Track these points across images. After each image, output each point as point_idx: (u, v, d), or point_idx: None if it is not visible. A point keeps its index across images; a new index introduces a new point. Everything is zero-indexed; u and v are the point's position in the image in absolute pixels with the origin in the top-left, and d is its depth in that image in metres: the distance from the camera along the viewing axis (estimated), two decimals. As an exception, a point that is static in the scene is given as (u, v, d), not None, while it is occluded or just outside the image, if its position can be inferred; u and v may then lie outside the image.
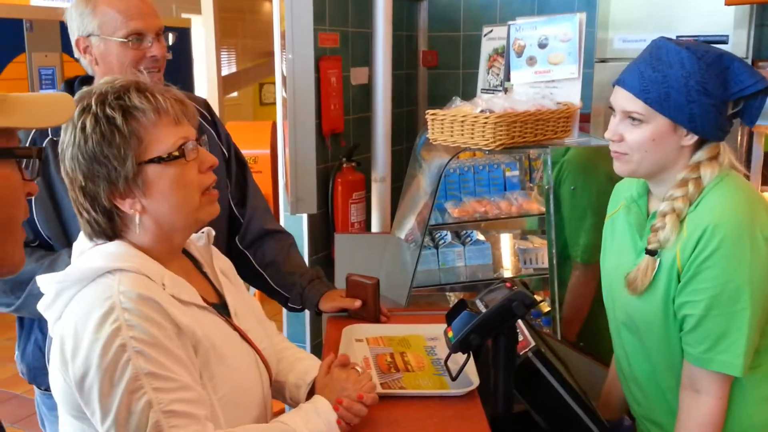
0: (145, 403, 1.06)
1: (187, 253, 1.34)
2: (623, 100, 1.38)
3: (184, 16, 6.41)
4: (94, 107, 1.13)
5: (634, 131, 1.37)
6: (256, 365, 1.30)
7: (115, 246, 1.17)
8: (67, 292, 1.12)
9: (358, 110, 3.38)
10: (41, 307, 1.17)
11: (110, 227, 1.18)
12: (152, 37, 1.62)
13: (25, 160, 0.87)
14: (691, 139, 1.36)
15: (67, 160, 1.15)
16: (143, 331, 1.08)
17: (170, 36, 1.69)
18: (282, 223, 3.11)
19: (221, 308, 1.29)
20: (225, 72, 6.08)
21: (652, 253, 1.38)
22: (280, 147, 3.07)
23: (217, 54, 4.91)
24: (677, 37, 2.72)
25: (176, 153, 1.15)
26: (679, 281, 1.35)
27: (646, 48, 1.41)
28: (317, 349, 3.18)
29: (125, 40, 1.59)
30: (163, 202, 1.16)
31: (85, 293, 1.11)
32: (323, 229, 3.19)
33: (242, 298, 1.39)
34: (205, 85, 5.00)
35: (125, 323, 1.07)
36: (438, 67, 3.96)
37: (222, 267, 1.39)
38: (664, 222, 1.36)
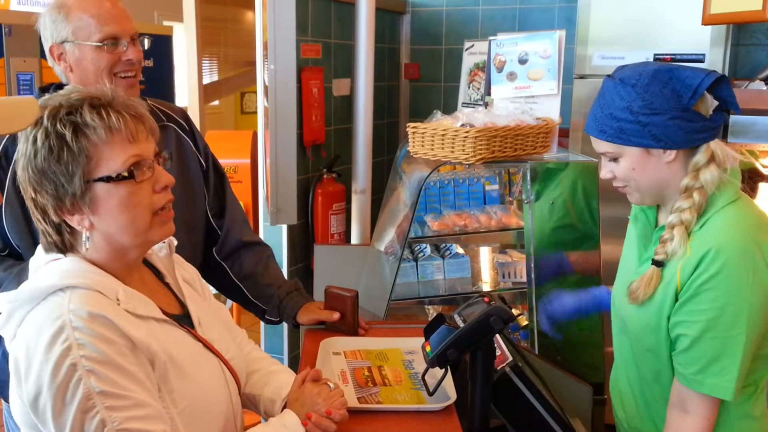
0: (98, 422, 1.05)
1: (149, 263, 1.32)
2: (595, 143, 1.45)
3: (165, 23, 6.38)
4: (45, 121, 1.11)
5: (617, 167, 1.43)
6: (222, 375, 1.28)
7: (68, 262, 1.16)
8: (19, 312, 1.11)
9: (339, 121, 3.38)
10: None
11: (60, 240, 1.16)
12: (127, 41, 1.60)
13: None
14: (671, 154, 1.37)
15: (19, 170, 1.14)
16: (94, 350, 1.06)
17: (146, 41, 1.68)
18: (261, 233, 3.10)
19: (183, 319, 1.27)
20: (206, 80, 6.05)
21: (658, 264, 1.39)
22: (261, 157, 3.06)
23: (199, 62, 4.87)
24: (654, 55, 2.82)
25: (125, 173, 1.12)
26: (676, 299, 1.35)
27: (598, 91, 1.46)
28: (295, 362, 3.16)
29: (100, 44, 1.57)
30: (111, 222, 1.14)
31: (36, 312, 1.09)
32: (303, 239, 3.18)
33: (207, 307, 1.37)
34: (186, 93, 4.97)
35: (75, 342, 1.05)
36: (420, 80, 3.99)
37: (185, 276, 1.37)
38: (672, 234, 1.37)
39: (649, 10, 2.82)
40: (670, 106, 1.33)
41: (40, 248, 1.22)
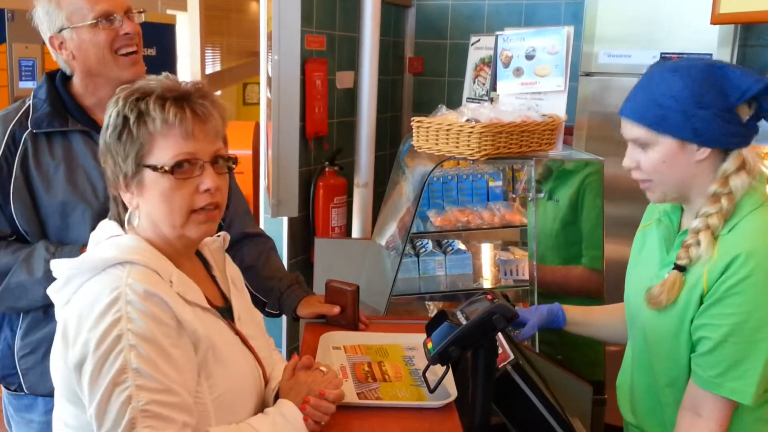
0: (125, 398, 1.08)
1: (200, 255, 1.36)
2: (627, 128, 1.40)
3: (169, 12, 6.35)
4: (119, 103, 1.18)
5: (645, 157, 1.39)
6: (256, 371, 1.31)
7: (129, 239, 1.20)
8: (77, 279, 1.15)
9: (342, 114, 3.37)
10: (51, 290, 1.19)
11: (116, 210, 1.25)
12: (121, 16, 1.60)
13: None
14: (704, 152, 1.35)
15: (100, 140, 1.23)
16: (142, 325, 1.10)
17: (142, 15, 1.67)
18: (262, 225, 3.09)
19: (225, 312, 1.30)
20: (209, 70, 6.02)
21: (681, 268, 1.37)
22: (263, 149, 3.04)
23: (202, 52, 4.85)
24: (661, 54, 2.80)
25: (167, 168, 1.17)
26: (700, 303, 1.34)
27: (642, 75, 1.43)
28: (293, 354, 3.16)
29: (95, 21, 1.57)
30: (152, 208, 1.20)
31: (95, 282, 1.14)
32: (303, 232, 3.17)
33: (248, 306, 1.40)
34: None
35: (126, 315, 1.09)
36: (423, 74, 3.97)
37: (232, 273, 1.40)
38: (697, 239, 1.35)
39: (657, 8, 2.80)
40: (715, 103, 1.31)
41: (101, 224, 1.28)
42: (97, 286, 1.13)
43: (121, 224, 1.24)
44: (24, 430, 1.69)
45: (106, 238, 1.22)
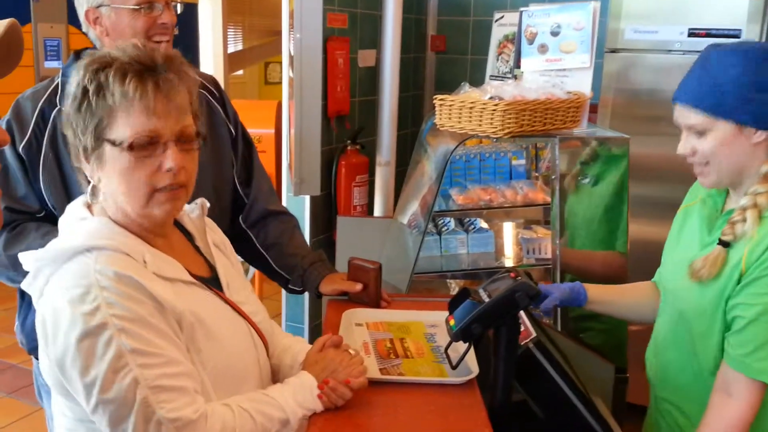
0: (131, 381, 1.06)
1: (181, 225, 1.32)
2: (682, 114, 1.39)
3: (191, -9, 6.35)
4: (81, 71, 1.13)
5: (702, 142, 1.38)
6: (251, 338, 1.29)
7: (96, 222, 1.16)
8: (45, 271, 1.12)
9: (364, 93, 3.36)
10: (24, 284, 1.16)
11: (85, 183, 1.19)
12: (162, 5, 1.62)
13: None
14: (761, 135, 1.34)
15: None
16: (124, 308, 1.07)
17: (179, 5, 1.68)
18: (284, 203, 3.11)
19: (212, 282, 1.27)
20: (231, 50, 6.03)
21: (725, 244, 1.37)
22: (285, 127, 3.05)
23: (224, 31, 4.86)
24: (689, 30, 2.75)
25: (125, 146, 1.11)
26: (738, 282, 1.33)
27: (696, 60, 1.41)
28: (316, 331, 3.19)
29: (137, 7, 1.59)
30: (113, 185, 1.15)
31: (63, 272, 1.10)
32: (325, 211, 3.18)
33: (236, 271, 1.37)
34: (210, 61, 4.97)
35: (105, 302, 1.06)
36: (446, 52, 3.93)
37: (215, 239, 1.37)
38: (744, 216, 1.34)
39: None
40: None
41: (68, 207, 1.23)
42: (67, 276, 1.09)
43: (88, 203, 1.19)
44: (54, 400, 1.73)
45: (73, 223, 1.18)
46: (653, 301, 1.64)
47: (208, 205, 1.37)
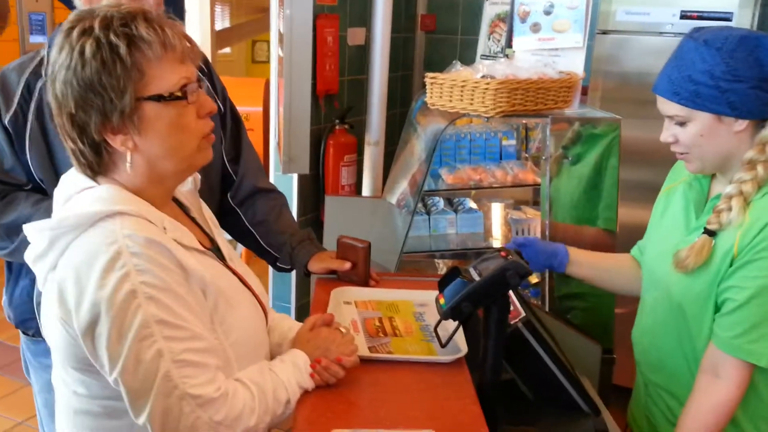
0: (155, 352, 1.03)
1: (174, 199, 1.29)
2: (662, 105, 1.41)
3: (177, -34, 6.24)
4: (97, 31, 1.03)
5: (683, 131, 1.39)
6: (258, 309, 1.28)
7: (106, 190, 1.10)
8: (62, 239, 1.05)
9: (353, 72, 3.32)
10: (29, 258, 1.10)
11: (96, 161, 1.10)
12: None
13: None
14: (742, 124, 1.35)
15: (58, 83, 1.06)
16: (154, 276, 1.03)
17: None
18: (272, 181, 3.08)
19: (216, 253, 1.25)
20: (218, 27, 5.95)
21: (710, 233, 1.37)
22: (273, 105, 3.02)
23: (211, 7, 4.79)
24: (681, 12, 2.74)
25: (178, 93, 1.07)
26: (731, 266, 1.34)
27: (674, 49, 1.41)
28: (303, 310, 3.19)
29: None
30: (157, 143, 1.08)
31: (85, 239, 1.04)
32: (313, 190, 3.16)
33: (228, 245, 1.36)
34: (198, 38, 4.90)
35: (134, 268, 1.02)
36: (436, 32, 3.90)
37: (209, 215, 1.35)
38: (729, 204, 1.35)
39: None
40: (752, 74, 1.30)
41: (65, 178, 1.17)
42: (90, 243, 1.03)
43: (96, 174, 1.12)
44: (41, 374, 1.72)
45: (77, 192, 1.12)
46: (633, 272, 1.66)
47: (200, 177, 1.35)
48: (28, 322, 1.68)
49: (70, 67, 1.04)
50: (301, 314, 3.18)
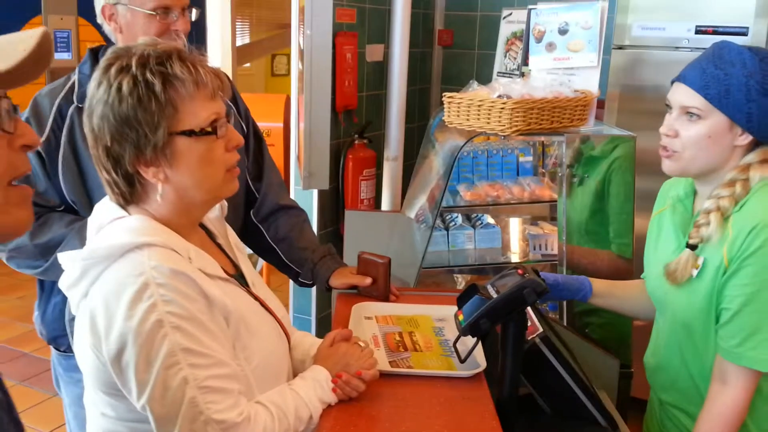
0: (181, 380, 1.07)
1: (201, 224, 1.34)
2: (683, 95, 1.41)
3: (198, -18, 6.35)
4: (134, 69, 1.09)
5: (690, 127, 1.40)
6: (279, 333, 1.32)
7: (136, 220, 1.15)
8: (94, 269, 1.10)
9: (371, 87, 3.38)
10: (63, 285, 1.15)
11: (129, 192, 1.15)
12: (178, 12, 1.63)
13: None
14: (746, 139, 1.37)
15: (95, 117, 1.12)
16: (179, 306, 1.07)
17: (194, 12, 1.70)
18: (293, 196, 3.14)
19: (240, 279, 1.30)
20: (238, 43, 6.05)
21: (692, 247, 1.41)
22: (294, 122, 3.07)
23: (233, 23, 4.87)
24: (696, 27, 2.76)
25: (209, 128, 1.13)
26: (723, 277, 1.37)
27: (709, 48, 1.43)
28: (322, 323, 3.23)
29: (152, 12, 1.60)
30: (187, 176, 1.14)
31: (114, 270, 1.09)
32: (333, 204, 3.21)
33: (254, 271, 1.40)
34: (219, 54, 4.98)
35: (161, 299, 1.06)
36: (453, 47, 3.95)
37: (234, 240, 1.40)
38: (708, 219, 1.38)
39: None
40: None
41: (98, 207, 1.22)
42: (119, 273, 1.08)
43: (127, 204, 1.18)
44: (72, 388, 1.77)
45: (108, 222, 1.17)
46: (647, 297, 1.68)
47: (226, 205, 1.40)
48: (59, 338, 1.73)
49: (108, 103, 1.10)
50: (322, 326, 3.22)
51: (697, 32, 2.77)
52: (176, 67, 1.10)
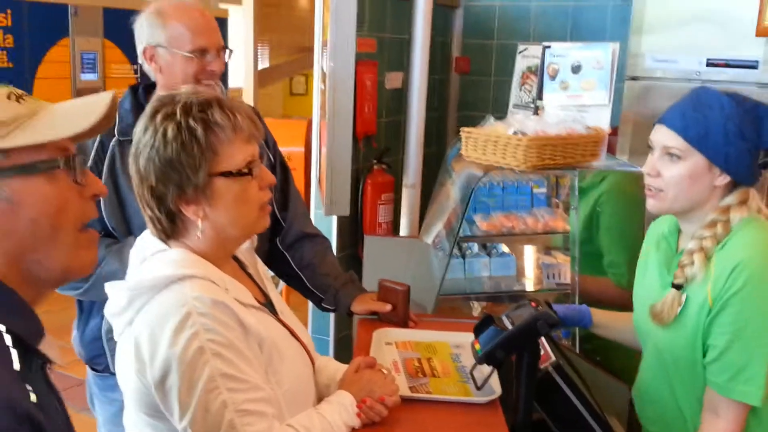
0: (220, 403, 1.16)
1: (233, 256, 1.43)
2: (664, 136, 1.48)
3: (221, 6, 6.52)
4: (178, 116, 1.19)
5: (671, 167, 1.47)
6: (307, 360, 1.41)
7: (177, 254, 1.25)
8: (139, 299, 1.19)
9: (390, 113, 3.47)
10: (109, 313, 1.24)
11: (170, 228, 1.25)
12: (214, 53, 1.74)
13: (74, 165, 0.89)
14: (724, 179, 1.45)
15: (142, 160, 1.21)
16: (219, 334, 1.17)
17: (228, 52, 1.81)
18: (312, 220, 3.23)
19: (269, 307, 1.39)
20: (259, 67, 6.19)
21: (678, 287, 1.48)
22: (315, 149, 3.17)
23: (255, 47, 5.00)
24: (708, 60, 2.83)
25: (245, 170, 1.23)
26: (708, 316, 1.44)
27: (689, 92, 1.51)
28: (341, 344, 3.30)
29: (190, 54, 1.71)
30: (224, 213, 1.24)
31: (159, 300, 1.18)
32: (351, 227, 3.29)
33: (281, 298, 1.50)
34: (241, 78, 5.10)
35: (202, 327, 1.16)
36: (470, 74, 4.04)
37: (263, 270, 1.50)
38: (691, 259, 1.46)
39: (704, 13, 2.82)
40: (752, 139, 1.42)
41: (140, 240, 1.33)
42: (163, 304, 1.17)
43: (168, 239, 1.27)
44: (107, 407, 1.86)
45: (151, 254, 1.27)
46: None
47: (256, 238, 1.49)
48: (97, 358, 1.83)
49: (154, 147, 1.21)
50: (340, 347, 3.29)
51: (708, 65, 2.84)
52: (216, 114, 1.21)
